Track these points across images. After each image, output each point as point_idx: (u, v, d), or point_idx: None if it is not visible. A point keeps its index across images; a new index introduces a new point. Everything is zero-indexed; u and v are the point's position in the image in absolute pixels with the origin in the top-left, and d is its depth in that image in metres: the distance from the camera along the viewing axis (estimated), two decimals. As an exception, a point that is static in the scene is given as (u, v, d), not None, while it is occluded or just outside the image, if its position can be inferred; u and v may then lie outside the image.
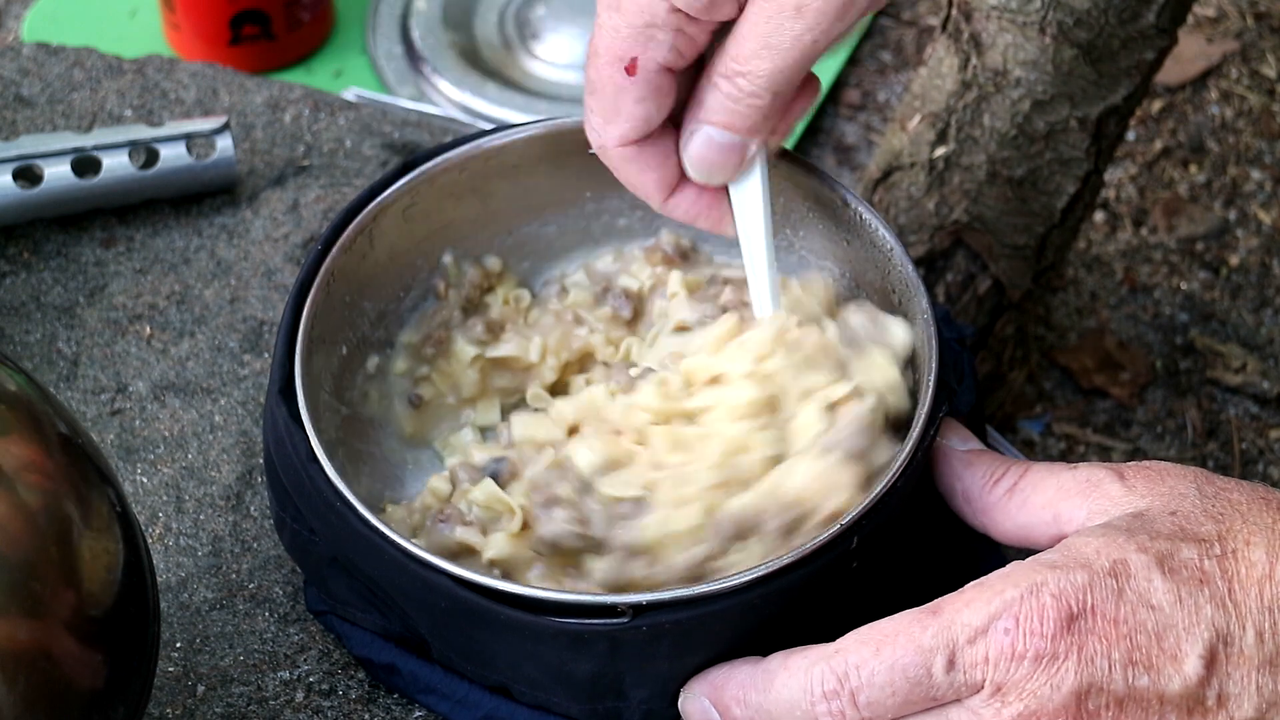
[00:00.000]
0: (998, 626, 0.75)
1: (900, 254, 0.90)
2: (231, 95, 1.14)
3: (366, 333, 0.95)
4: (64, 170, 1.05)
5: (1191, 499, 0.78)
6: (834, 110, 1.52)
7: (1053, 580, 0.75)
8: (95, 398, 1.01)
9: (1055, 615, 0.74)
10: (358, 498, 0.84)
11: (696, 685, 0.82)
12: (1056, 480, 0.82)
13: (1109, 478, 0.80)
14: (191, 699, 0.90)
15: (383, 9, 1.55)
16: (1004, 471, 0.83)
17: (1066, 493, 0.81)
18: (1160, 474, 0.80)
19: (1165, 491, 0.79)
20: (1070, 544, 0.77)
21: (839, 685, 0.77)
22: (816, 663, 0.77)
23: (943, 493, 0.85)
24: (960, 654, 0.75)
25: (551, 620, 0.81)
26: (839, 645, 0.78)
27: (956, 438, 0.85)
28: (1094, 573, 0.75)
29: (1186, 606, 0.75)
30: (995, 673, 0.75)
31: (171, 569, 0.94)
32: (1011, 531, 0.83)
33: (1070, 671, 0.74)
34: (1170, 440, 1.33)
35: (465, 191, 0.96)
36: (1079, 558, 0.76)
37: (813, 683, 0.77)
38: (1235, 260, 1.43)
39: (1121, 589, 0.75)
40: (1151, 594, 0.75)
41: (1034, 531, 0.82)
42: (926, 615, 0.76)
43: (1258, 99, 1.52)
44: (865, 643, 0.77)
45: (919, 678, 0.76)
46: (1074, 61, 1.07)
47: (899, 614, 0.77)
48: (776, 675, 0.79)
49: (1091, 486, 0.80)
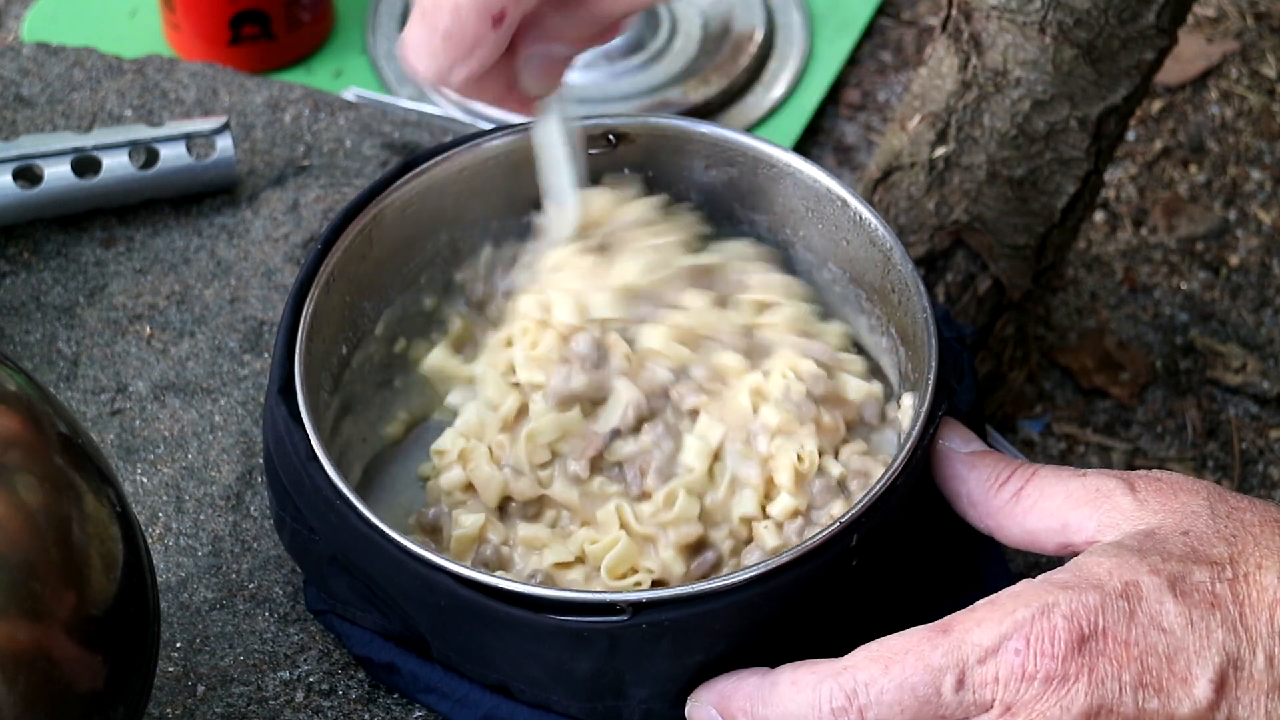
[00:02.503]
0: (1008, 646, 0.74)
1: (900, 254, 0.90)
2: (231, 95, 1.14)
3: (366, 332, 0.95)
4: (64, 170, 1.05)
5: (1204, 518, 0.78)
6: (834, 110, 1.52)
7: (1065, 601, 0.75)
8: (95, 398, 1.01)
9: (1066, 636, 0.74)
10: (355, 494, 0.84)
11: (704, 694, 0.81)
12: (1065, 487, 0.81)
13: (1119, 489, 0.80)
14: (191, 699, 0.90)
15: (383, 9, 1.55)
16: (1009, 474, 0.83)
17: (1076, 502, 0.80)
18: (1172, 488, 0.80)
19: (1177, 508, 0.78)
20: (1082, 563, 0.77)
21: (847, 702, 0.76)
22: (825, 679, 0.77)
23: (946, 497, 0.85)
24: (970, 673, 0.75)
25: (551, 618, 0.81)
26: (848, 661, 0.77)
27: (958, 439, 0.85)
28: (1106, 594, 0.75)
29: (1198, 630, 0.74)
30: (1005, 693, 0.74)
31: (171, 569, 0.94)
32: (1018, 537, 0.82)
33: (1081, 693, 0.74)
34: (1170, 440, 1.33)
35: (465, 191, 0.96)
36: (1091, 578, 0.75)
37: (821, 699, 0.77)
38: (1235, 260, 1.43)
39: (1133, 611, 0.75)
40: (1163, 617, 0.75)
41: (1041, 538, 0.82)
42: (937, 633, 0.76)
43: (1258, 99, 1.52)
44: (874, 660, 0.76)
45: (928, 696, 0.75)
46: (1074, 61, 1.07)
47: (909, 630, 0.77)
48: (784, 689, 0.78)
49: (1102, 497, 0.80)
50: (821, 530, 0.82)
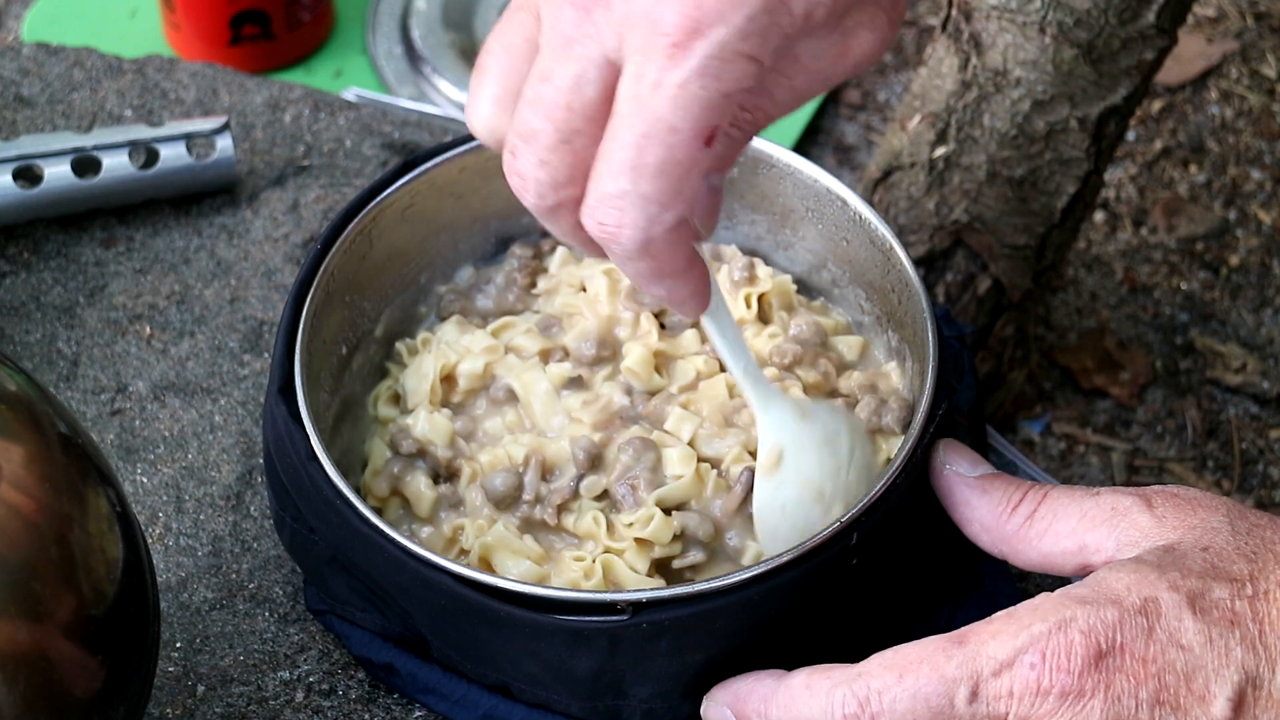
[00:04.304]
0: (1024, 661, 0.74)
1: (900, 254, 0.90)
2: (231, 95, 1.14)
3: (366, 332, 0.95)
4: (64, 170, 1.05)
5: (1224, 534, 0.77)
6: (834, 110, 1.52)
7: (1082, 616, 0.74)
8: (95, 398, 1.01)
9: (1084, 652, 0.74)
10: (356, 494, 0.84)
11: (719, 694, 0.81)
12: (1080, 508, 0.80)
13: (1136, 506, 0.79)
14: (191, 699, 0.90)
15: (383, 9, 1.55)
16: (1021, 497, 0.82)
17: (1092, 522, 0.80)
18: (1190, 504, 0.79)
19: (1197, 524, 0.78)
20: (1101, 578, 0.76)
21: (860, 709, 0.76)
22: (839, 685, 0.77)
23: (957, 523, 0.84)
24: (984, 686, 0.74)
25: (551, 617, 0.81)
26: (862, 668, 0.77)
27: (965, 463, 0.84)
28: (1124, 610, 0.74)
29: (1216, 648, 0.74)
30: (1019, 707, 0.74)
31: (171, 569, 0.94)
32: (1035, 560, 0.81)
33: (1096, 709, 0.73)
34: (1170, 440, 1.33)
35: (465, 191, 0.96)
36: (1109, 594, 0.75)
37: (834, 705, 0.76)
38: (1235, 260, 1.43)
39: (1152, 628, 0.74)
40: (1182, 634, 0.74)
41: (1058, 561, 0.81)
42: (952, 644, 0.75)
43: (1258, 99, 1.52)
44: (889, 668, 0.76)
45: (941, 707, 0.75)
46: (1074, 61, 1.07)
47: (924, 640, 0.76)
48: (798, 692, 0.78)
49: (1118, 516, 0.79)
50: (822, 530, 0.82)
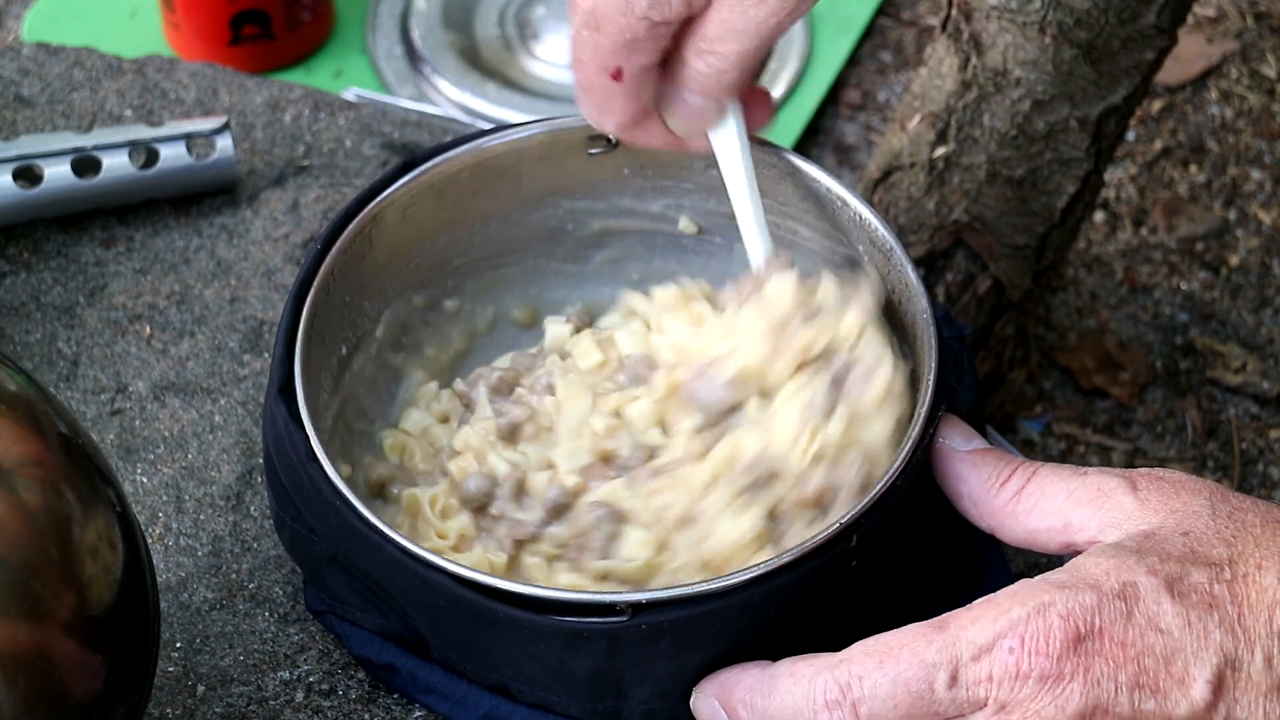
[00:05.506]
0: (1003, 645, 0.74)
1: (900, 254, 0.90)
2: (231, 95, 1.14)
3: (366, 332, 0.95)
4: (64, 170, 1.05)
5: (1205, 518, 0.77)
6: (834, 110, 1.52)
7: (1061, 600, 0.75)
8: (95, 398, 1.01)
9: (1062, 636, 0.74)
10: (355, 494, 0.84)
11: (708, 685, 0.82)
12: (1066, 486, 0.81)
13: (1121, 488, 0.80)
14: (191, 699, 0.90)
15: (383, 9, 1.55)
16: (1010, 472, 0.83)
17: (1078, 501, 0.80)
18: (1174, 487, 0.79)
19: (1179, 508, 0.78)
20: (1080, 564, 0.77)
21: (841, 695, 0.77)
22: (821, 671, 0.77)
23: (947, 495, 0.85)
24: (964, 670, 0.75)
25: (551, 618, 0.81)
26: (844, 655, 0.77)
27: (959, 437, 0.85)
28: (1103, 594, 0.75)
29: (1195, 631, 0.74)
30: (999, 691, 0.74)
31: (171, 569, 0.94)
32: (1020, 536, 0.82)
33: (1076, 693, 0.74)
34: (1170, 440, 1.33)
35: (465, 191, 0.96)
36: (1088, 578, 0.75)
37: (816, 691, 0.77)
38: (1235, 260, 1.43)
39: (1130, 611, 0.74)
40: (1160, 617, 0.74)
41: (1042, 538, 0.81)
42: (932, 630, 0.76)
43: (1258, 99, 1.52)
44: (870, 654, 0.77)
45: (921, 692, 0.75)
46: (1074, 61, 1.07)
47: (905, 627, 0.77)
48: (782, 681, 0.79)
49: (1103, 496, 0.80)
50: (822, 530, 0.82)
